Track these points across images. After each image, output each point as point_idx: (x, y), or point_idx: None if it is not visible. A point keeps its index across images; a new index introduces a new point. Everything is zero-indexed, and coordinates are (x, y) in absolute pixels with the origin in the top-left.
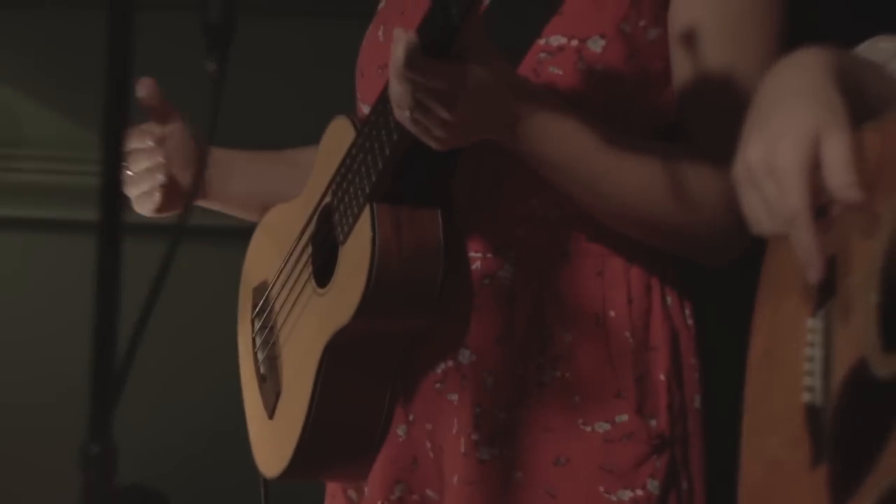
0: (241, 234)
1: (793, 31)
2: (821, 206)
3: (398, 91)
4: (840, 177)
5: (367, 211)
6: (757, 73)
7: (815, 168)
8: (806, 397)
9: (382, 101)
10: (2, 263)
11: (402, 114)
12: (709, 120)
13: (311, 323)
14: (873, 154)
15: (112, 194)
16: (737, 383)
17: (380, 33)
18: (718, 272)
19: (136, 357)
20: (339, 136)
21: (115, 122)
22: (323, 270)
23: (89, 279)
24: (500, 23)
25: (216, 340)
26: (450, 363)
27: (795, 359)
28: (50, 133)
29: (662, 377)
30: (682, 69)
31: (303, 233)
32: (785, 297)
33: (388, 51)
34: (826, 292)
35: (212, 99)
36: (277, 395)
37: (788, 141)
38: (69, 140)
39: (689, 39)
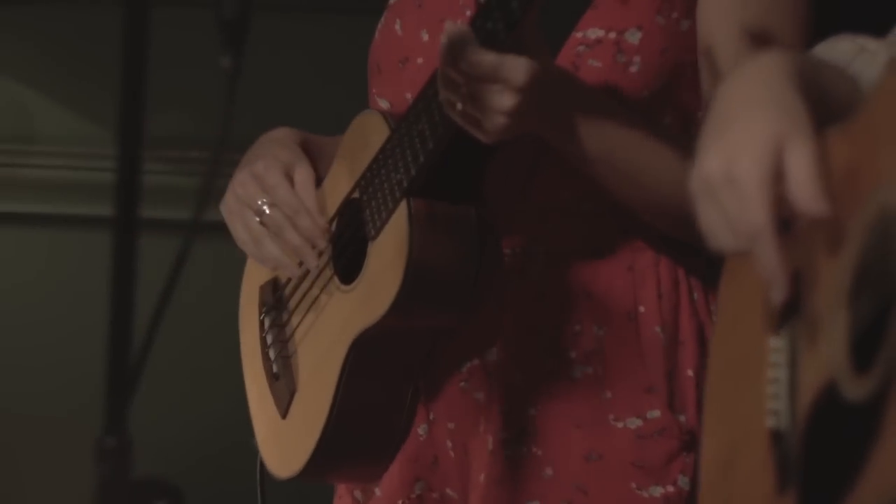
0: None
1: (818, 26)
2: (784, 219)
3: (452, 83)
4: (805, 189)
5: (402, 206)
6: None
7: (777, 179)
8: (770, 421)
9: (425, 94)
10: (16, 259)
11: (455, 106)
12: None
13: (334, 320)
14: (839, 162)
15: (127, 190)
16: None
17: (397, 27)
18: None
19: (152, 351)
20: (367, 131)
21: (131, 117)
22: (346, 267)
23: (105, 274)
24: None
25: (232, 334)
26: (475, 361)
27: (758, 381)
28: (63, 129)
29: (690, 373)
30: (709, 63)
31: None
32: (745, 314)
33: (408, 44)
34: (790, 310)
35: (227, 94)
36: (292, 393)
37: (749, 151)
38: (83, 136)
39: (716, 33)
